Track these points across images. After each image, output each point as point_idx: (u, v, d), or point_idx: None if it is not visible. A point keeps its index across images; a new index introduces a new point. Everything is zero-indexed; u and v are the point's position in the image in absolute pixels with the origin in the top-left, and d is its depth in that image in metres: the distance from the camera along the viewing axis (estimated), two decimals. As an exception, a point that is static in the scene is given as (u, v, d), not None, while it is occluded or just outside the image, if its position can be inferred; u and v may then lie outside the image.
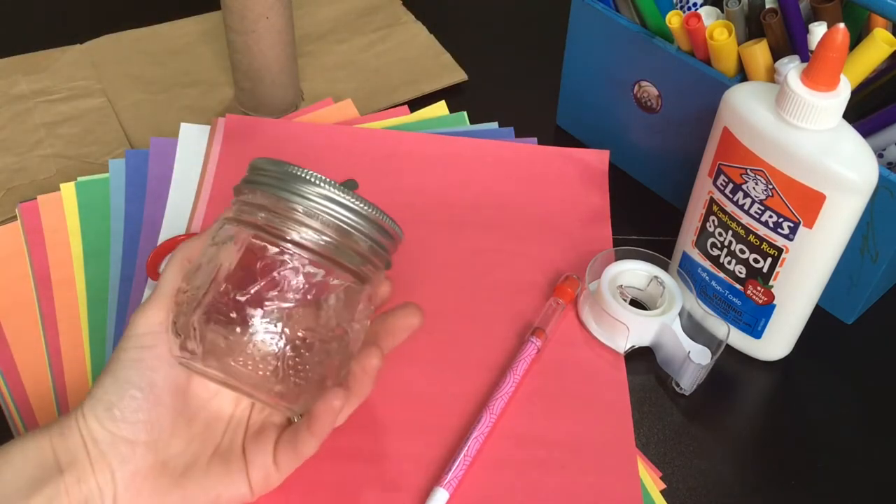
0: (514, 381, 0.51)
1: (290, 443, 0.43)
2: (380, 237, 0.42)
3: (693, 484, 0.50)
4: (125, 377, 0.40)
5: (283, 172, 0.40)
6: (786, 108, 0.45)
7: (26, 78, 0.74)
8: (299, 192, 0.40)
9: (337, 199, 0.40)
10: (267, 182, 0.41)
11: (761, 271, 0.51)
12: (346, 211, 0.40)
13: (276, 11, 0.64)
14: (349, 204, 0.40)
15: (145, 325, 0.42)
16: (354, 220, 0.41)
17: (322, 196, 0.40)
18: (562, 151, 0.67)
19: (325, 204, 0.40)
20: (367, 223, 0.41)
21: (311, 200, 0.40)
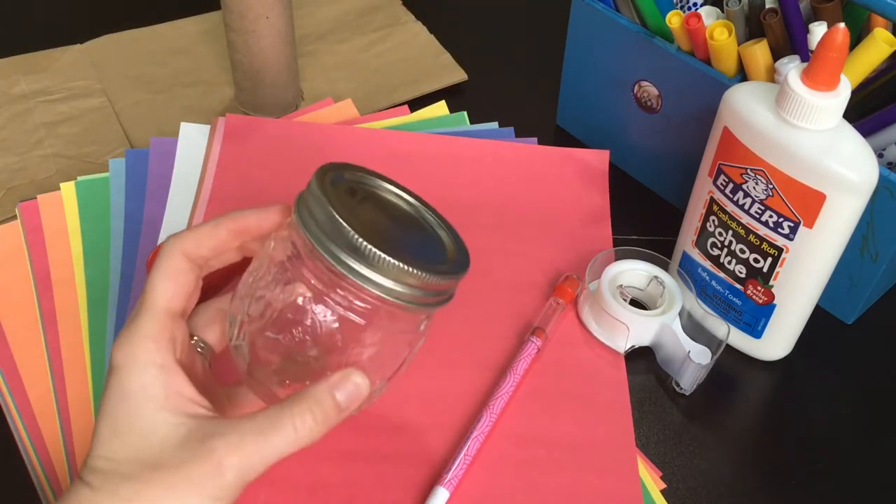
0: (515, 381, 0.51)
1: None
2: (439, 298, 0.40)
3: (693, 484, 0.50)
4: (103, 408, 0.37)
5: (344, 242, 0.37)
6: (786, 108, 0.45)
7: (26, 78, 0.74)
8: (352, 268, 0.37)
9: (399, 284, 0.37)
10: (321, 243, 0.37)
11: (761, 271, 0.51)
12: (409, 293, 0.38)
13: (276, 11, 0.64)
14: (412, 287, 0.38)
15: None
16: (422, 295, 0.38)
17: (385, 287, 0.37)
18: (562, 151, 0.67)
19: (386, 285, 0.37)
20: (428, 294, 0.39)
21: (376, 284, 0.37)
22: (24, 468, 0.48)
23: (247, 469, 0.36)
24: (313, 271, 0.38)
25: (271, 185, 0.62)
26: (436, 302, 0.40)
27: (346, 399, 0.38)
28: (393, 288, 0.37)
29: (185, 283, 0.40)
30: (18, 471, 0.48)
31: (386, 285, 0.37)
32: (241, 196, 0.62)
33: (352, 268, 0.36)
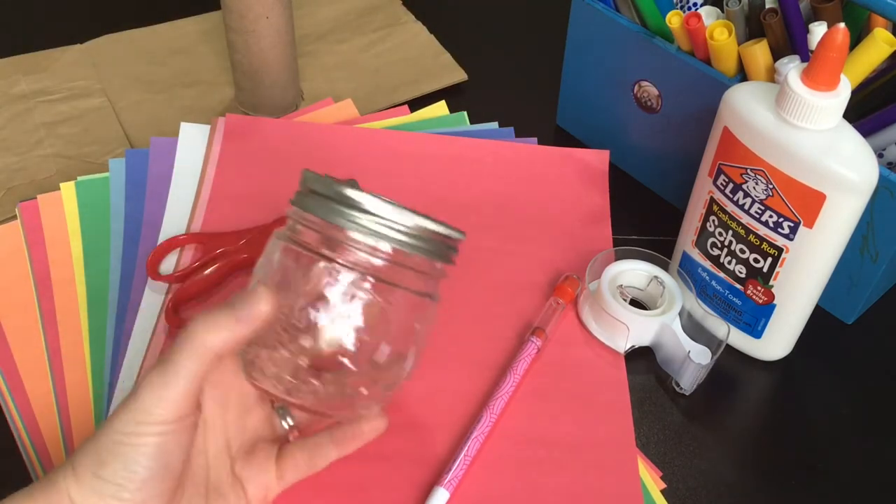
0: (515, 381, 0.51)
1: (307, 457, 0.43)
2: (441, 250, 0.41)
3: (693, 484, 0.50)
4: (137, 461, 0.37)
5: (336, 194, 0.39)
6: (786, 107, 0.45)
7: (26, 78, 0.74)
8: (355, 219, 0.39)
9: (398, 226, 0.39)
10: (319, 206, 0.39)
11: (761, 271, 0.51)
12: (409, 237, 0.39)
13: (276, 11, 0.64)
14: (411, 230, 0.39)
15: (167, 410, 0.37)
16: (416, 242, 0.40)
17: (381, 223, 0.39)
18: (562, 151, 0.67)
19: (387, 231, 0.39)
20: (428, 242, 0.40)
21: (370, 227, 0.39)
22: (24, 468, 0.48)
23: (157, 389, 0.37)
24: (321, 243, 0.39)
25: (271, 184, 0.62)
26: (439, 252, 0.41)
27: (242, 311, 0.38)
28: (400, 237, 0.39)
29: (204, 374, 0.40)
30: (18, 471, 0.48)
31: (393, 235, 0.39)
32: (241, 196, 0.62)
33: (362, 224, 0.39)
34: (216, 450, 0.43)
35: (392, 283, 0.40)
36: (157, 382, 0.37)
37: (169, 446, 0.38)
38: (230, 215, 0.60)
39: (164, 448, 0.38)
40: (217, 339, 0.38)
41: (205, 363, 0.38)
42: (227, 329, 0.38)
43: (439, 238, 0.41)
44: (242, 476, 0.43)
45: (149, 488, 0.37)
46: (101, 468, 0.37)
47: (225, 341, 0.38)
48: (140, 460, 0.37)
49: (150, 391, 0.37)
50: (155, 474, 0.37)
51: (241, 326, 0.38)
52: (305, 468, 0.43)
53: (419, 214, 0.39)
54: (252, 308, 0.38)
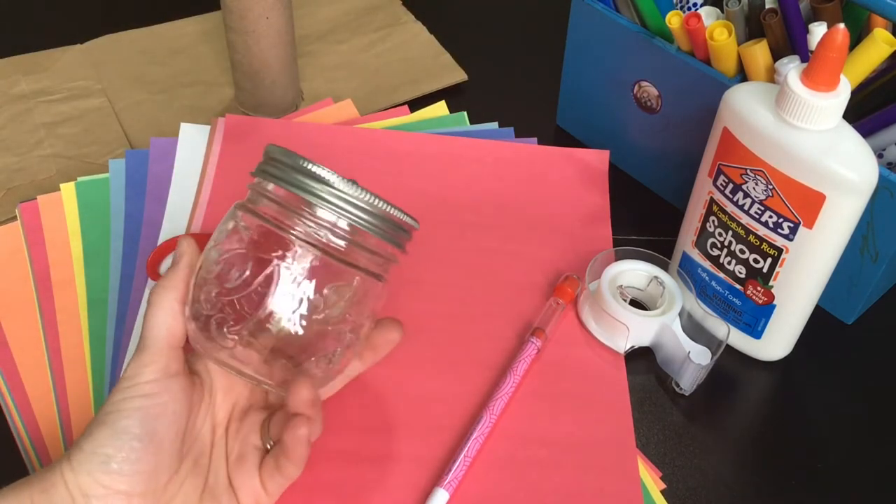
0: (515, 382, 0.51)
1: (276, 467, 0.43)
2: (393, 233, 0.42)
3: (693, 484, 0.50)
4: (124, 427, 0.38)
5: (295, 166, 0.41)
6: (786, 108, 0.45)
7: (26, 78, 0.74)
8: (310, 188, 0.40)
9: (348, 198, 0.40)
10: (279, 175, 0.41)
11: (761, 271, 0.51)
12: (359, 211, 0.41)
13: (276, 11, 0.64)
14: (360, 203, 0.40)
15: (146, 373, 0.40)
16: (366, 219, 0.41)
17: (333, 195, 0.40)
18: (562, 151, 0.67)
19: (337, 203, 0.40)
20: (380, 221, 0.41)
21: (322, 198, 0.40)
22: (24, 468, 0.48)
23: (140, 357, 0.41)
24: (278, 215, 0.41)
25: (271, 185, 0.62)
26: (391, 235, 0.42)
27: (177, 254, 0.43)
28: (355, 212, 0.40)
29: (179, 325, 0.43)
30: (18, 471, 0.48)
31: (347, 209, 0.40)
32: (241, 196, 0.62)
33: (317, 192, 0.40)
34: (219, 452, 0.43)
35: (342, 259, 0.41)
36: (139, 348, 0.41)
37: (156, 410, 0.39)
38: (230, 215, 0.60)
39: (152, 413, 0.39)
40: (165, 285, 0.42)
41: (170, 314, 0.41)
42: (169, 277, 0.42)
43: (392, 220, 0.42)
44: (234, 482, 0.43)
45: (137, 459, 0.38)
46: (89, 441, 0.38)
47: (173, 283, 0.42)
48: (127, 426, 0.38)
49: (134, 358, 0.41)
50: (143, 443, 0.38)
51: (178, 270, 0.42)
52: (280, 479, 0.43)
53: (375, 196, 0.41)
54: (178, 252, 0.43)
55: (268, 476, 0.43)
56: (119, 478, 0.38)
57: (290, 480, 0.43)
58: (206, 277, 0.41)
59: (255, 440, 0.44)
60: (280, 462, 0.42)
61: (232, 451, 0.44)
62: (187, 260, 0.43)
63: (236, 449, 0.44)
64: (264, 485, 0.43)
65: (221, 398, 0.44)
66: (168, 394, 0.40)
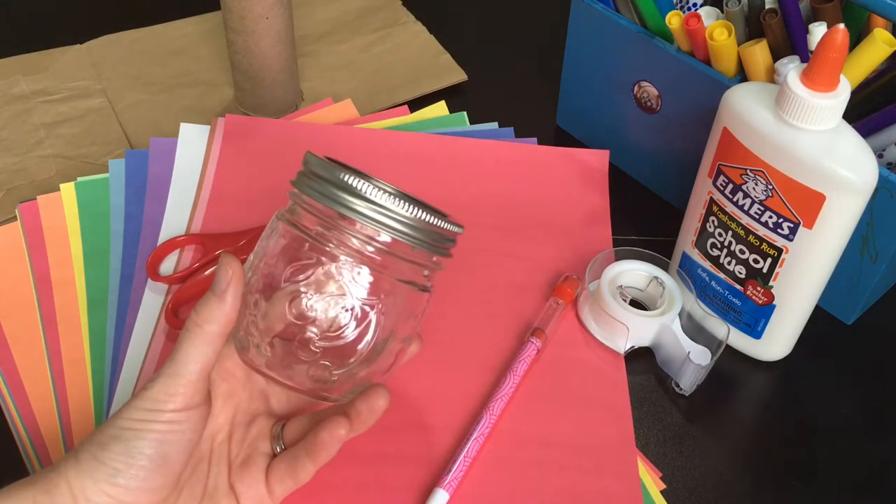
0: (514, 382, 0.51)
1: (288, 470, 0.43)
2: (439, 244, 0.41)
3: (693, 484, 0.50)
4: (138, 448, 0.38)
5: (337, 181, 0.39)
6: (786, 108, 0.45)
7: (26, 78, 0.74)
8: (358, 209, 0.39)
9: (396, 216, 0.39)
10: (320, 190, 0.40)
11: (761, 272, 0.51)
12: (407, 228, 0.39)
13: (276, 12, 0.64)
14: (409, 220, 0.39)
15: (172, 402, 0.39)
16: (413, 235, 0.40)
17: (381, 213, 0.39)
18: (562, 151, 0.67)
19: (383, 220, 0.39)
20: (427, 236, 0.40)
21: (370, 218, 0.39)
22: (24, 468, 0.48)
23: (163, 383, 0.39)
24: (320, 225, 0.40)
25: (271, 185, 0.62)
26: (435, 245, 0.41)
27: (218, 286, 0.40)
28: (398, 227, 0.39)
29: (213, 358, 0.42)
30: (18, 471, 0.48)
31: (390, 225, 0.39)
32: (241, 196, 0.62)
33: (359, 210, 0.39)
34: (219, 457, 0.43)
35: (385, 271, 0.40)
36: (166, 374, 0.39)
37: (173, 438, 0.39)
38: (230, 216, 0.60)
39: (168, 439, 0.38)
40: (214, 325, 0.39)
41: (210, 350, 0.39)
42: (215, 308, 0.39)
43: (437, 231, 0.41)
44: (236, 487, 0.43)
45: (144, 478, 0.38)
46: (101, 451, 0.38)
47: (218, 320, 0.39)
48: (141, 447, 0.38)
49: (160, 382, 0.39)
50: (154, 465, 0.38)
51: (225, 303, 0.39)
52: (290, 482, 0.43)
53: (419, 205, 0.39)
54: (223, 279, 0.40)
55: (277, 479, 0.43)
56: (124, 491, 0.38)
57: (299, 484, 0.43)
58: (255, 298, 0.40)
59: (264, 447, 0.44)
60: (299, 463, 0.42)
61: (236, 456, 0.44)
62: (235, 293, 0.40)
63: (242, 454, 0.44)
64: (271, 488, 0.43)
65: (221, 404, 0.43)
66: (188, 423, 0.39)
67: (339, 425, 0.42)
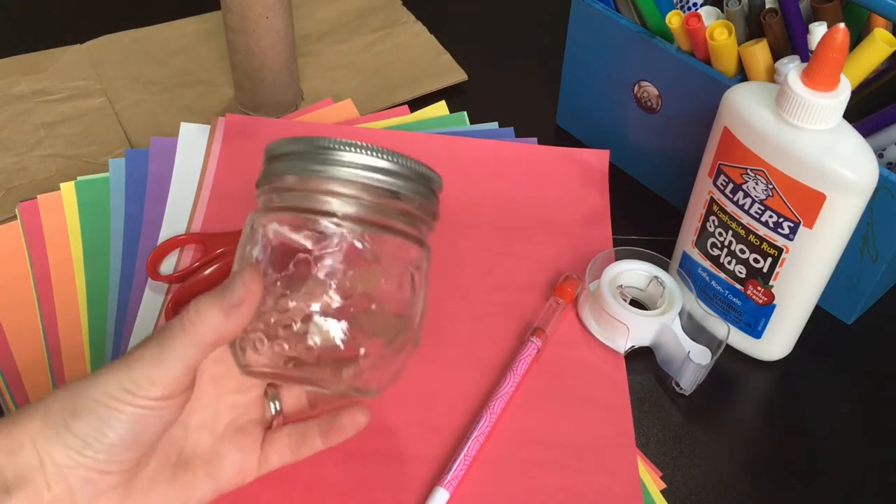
0: (515, 381, 0.51)
1: (293, 445, 0.42)
2: (424, 189, 0.39)
3: (693, 484, 0.50)
4: (112, 425, 0.36)
5: (307, 146, 0.38)
6: (786, 108, 0.45)
7: (26, 78, 0.74)
8: (327, 161, 0.37)
9: (369, 163, 0.37)
10: (294, 162, 0.38)
11: (761, 271, 0.51)
12: (382, 174, 0.37)
13: (276, 11, 0.64)
14: (383, 165, 0.37)
15: (154, 390, 0.37)
16: (392, 180, 0.38)
17: (352, 164, 0.37)
18: (562, 151, 0.67)
19: (358, 172, 0.37)
20: (406, 179, 0.38)
21: (342, 168, 0.37)
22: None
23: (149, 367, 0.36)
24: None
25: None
26: (419, 191, 0.39)
27: (229, 300, 0.37)
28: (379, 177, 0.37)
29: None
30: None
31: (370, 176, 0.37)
32: (241, 196, 0.62)
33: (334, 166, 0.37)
34: (199, 423, 0.42)
35: (375, 223, 0.38)
36: (151, 360, 0.37)
37: (148, 420, 0.37)
38: (230, 215, 0.60)
39: (143, 421, 0.37)
40: (210, 334, 0.37)
41: (199, 353, 0.37)
42: (219, 323, 0.37)
43: (417, 175, 0.39)
44: (223, 454, 0.42)
45: (114, 453, 0.37)
46: (73, 419, 0.36)
47: (216, 332, 0.37)
48: (115, 426, 0.36)
49: (143, 366, 0.37)
50: (125, 443, 0.37)
51: (229, 321, 0.37)
52: (290, 455, 0.43)
53: (392, 153, 0.37)
54: (236, 294, 0.37)
55: (277, 451, 0.42)
56: (93, 460, 0.37)
57: (297, 459, 0.43)
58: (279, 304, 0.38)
59: (255, 413, 0.44)
60: (308, 441, 0.42)
61: (228, 423, 0.42)
62: (244, 314, 0.37)
63: (227, 419, 0.42)
64: (265, 458, 0.42)
65: (207, 369, 0.42)
66: (167, 409, 0.38)
67: (361, 414, 0.41)
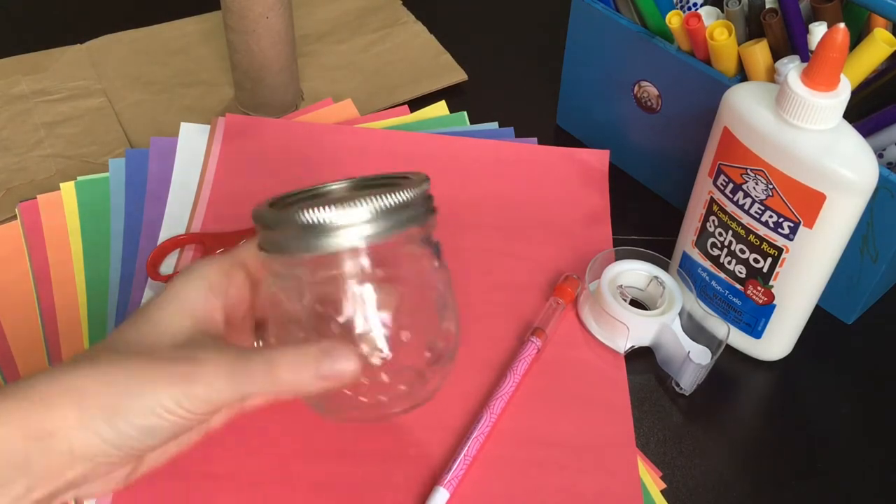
0: (515, 381, 0.51)
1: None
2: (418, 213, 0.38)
3: (693, 484, 0.50)
4: (157, 432, 0.35)
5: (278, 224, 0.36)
6: (786, 108, 0.45)
7: (26, 78, 0.74)
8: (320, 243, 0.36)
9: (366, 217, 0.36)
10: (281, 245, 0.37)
11: (761, 271, 0.51)
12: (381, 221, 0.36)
13: (276, 11, 0.64)
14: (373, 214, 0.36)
15: (217, 408, 0.36)
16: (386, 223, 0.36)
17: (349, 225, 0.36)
18: (562, 151, 0.67)
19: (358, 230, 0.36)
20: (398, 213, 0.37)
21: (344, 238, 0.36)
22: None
23: (213, 389, 0.35)
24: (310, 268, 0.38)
25: (271, 184, 0.62)
26: (416, 217, 0.38)
27: (328, 370, 0.36)
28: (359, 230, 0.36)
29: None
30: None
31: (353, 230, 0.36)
32: (241, 196, 0.62)
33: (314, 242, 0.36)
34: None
35: (390, 265, 0.38)
36: (215, 384, 0.35)
37: (188, 427, 0.36)
38: (230, 215, 0.60)
39: (184, 428, 0.36)
40: (289, 388, 0.37)
41: (270, 396, 0.38)
42: (305, 384, 0.36)
43: (409, 204, 0.37)
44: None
45: (147, 449, 0.36)
46: (117, 419, 0.34)
47: (296, 392, 0.37)
48: (159, 433, 0.35)
49: (205, 389, 0.35)
50: (161, 443, 0.36)
51: (317, 386, 0.36)
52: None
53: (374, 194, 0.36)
54: (338, 368, 0.36)
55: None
56: (124, 453, 0.35)
57: None
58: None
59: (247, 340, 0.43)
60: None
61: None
62: (327, 386, 0.36)
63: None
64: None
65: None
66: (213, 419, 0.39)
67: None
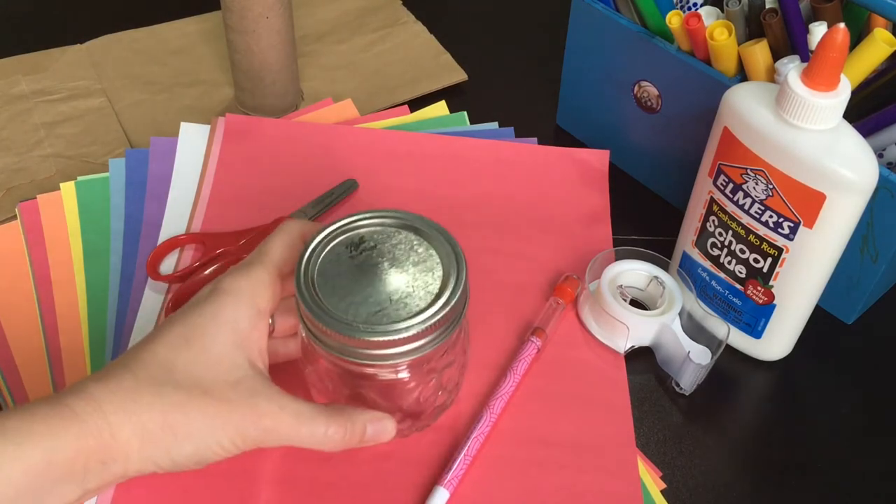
0: (515, 381, 0.51)
1: None
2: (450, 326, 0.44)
3: (693, 484, 0.50)
4: (209, 460, 0.40)
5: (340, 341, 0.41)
6: (786, 108, 0.45)
7: (26, 78, 0.74)
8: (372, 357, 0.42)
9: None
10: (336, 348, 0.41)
11: (761, 271, 0.51)
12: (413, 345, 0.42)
13: (276, 11, 0.64)
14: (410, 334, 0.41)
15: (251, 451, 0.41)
16: (422, 343, 0.42)
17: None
18: (562, 151, 0.67)
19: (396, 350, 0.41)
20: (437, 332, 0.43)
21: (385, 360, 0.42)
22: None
23: (269, 436, 0.40)
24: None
25: (271, 185, 0.62)
26: (441, 333, 0.43)
27: (372, 433, 0.43)
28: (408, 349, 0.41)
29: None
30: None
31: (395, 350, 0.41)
32: (241, 196, 0.62)
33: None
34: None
35: (428, 365, 0.44)
36: (272, 432, 0.40)
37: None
38: (230, 215, 0.60)
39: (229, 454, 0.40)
40: (326, 447, 0.42)
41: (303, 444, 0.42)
42: (345, 442, 0.42)
43: (460, 315, 0.44)
44: None
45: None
46: (177, 449, 0.38)
47: (336, 448, 0.42)
48: (211, 460, 0.40)
49: (262, 434, 0.40)
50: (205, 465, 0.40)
51: (356, 441, 0.42)
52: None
53: (412, 324, 0.41)
54: (373, 434, 0.43)
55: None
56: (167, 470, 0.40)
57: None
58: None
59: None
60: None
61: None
62: (375, 442, 0.44)
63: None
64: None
65: None
66: None
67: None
